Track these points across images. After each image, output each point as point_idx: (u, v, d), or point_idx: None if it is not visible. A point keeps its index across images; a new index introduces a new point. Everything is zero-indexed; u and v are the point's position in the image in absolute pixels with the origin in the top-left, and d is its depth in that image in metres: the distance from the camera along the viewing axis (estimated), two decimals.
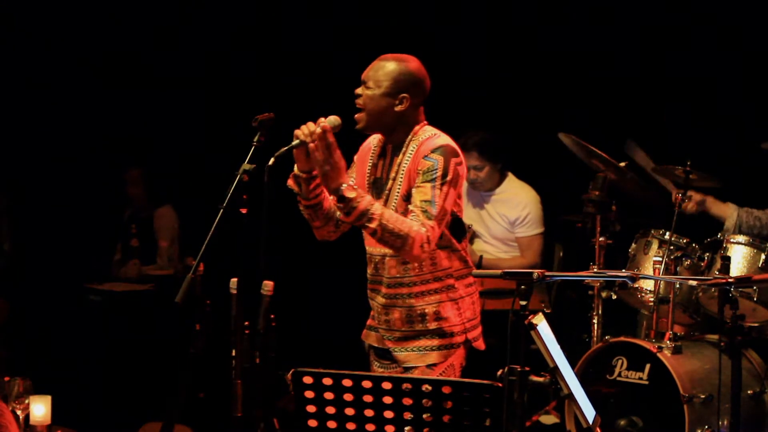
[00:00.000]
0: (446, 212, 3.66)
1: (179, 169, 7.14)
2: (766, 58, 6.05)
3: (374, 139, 3.92)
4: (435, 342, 3.78)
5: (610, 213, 5.53)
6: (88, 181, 7.32)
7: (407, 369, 3.80)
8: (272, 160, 3.48)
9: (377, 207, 3.60)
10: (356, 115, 3.77)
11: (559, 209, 6.03)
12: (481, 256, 5.96)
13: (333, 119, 3.70)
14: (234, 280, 3.42)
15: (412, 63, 3.78)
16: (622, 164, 5.39)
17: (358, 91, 3.77)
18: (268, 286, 3.56)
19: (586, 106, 6.47)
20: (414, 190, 3.67)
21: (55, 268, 7.01)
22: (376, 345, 3.93)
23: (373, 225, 3.58)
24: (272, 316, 3.54)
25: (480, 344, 3.86)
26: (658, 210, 5.49)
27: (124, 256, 6.93)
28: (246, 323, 3.39)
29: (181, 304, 3.30)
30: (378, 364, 3.94)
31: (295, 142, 3.64)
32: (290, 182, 3.79)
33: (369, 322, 3.98)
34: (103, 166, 7.25)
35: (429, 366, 3.76)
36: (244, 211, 3.39)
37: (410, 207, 3.67)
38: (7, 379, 3.95)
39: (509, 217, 6.03)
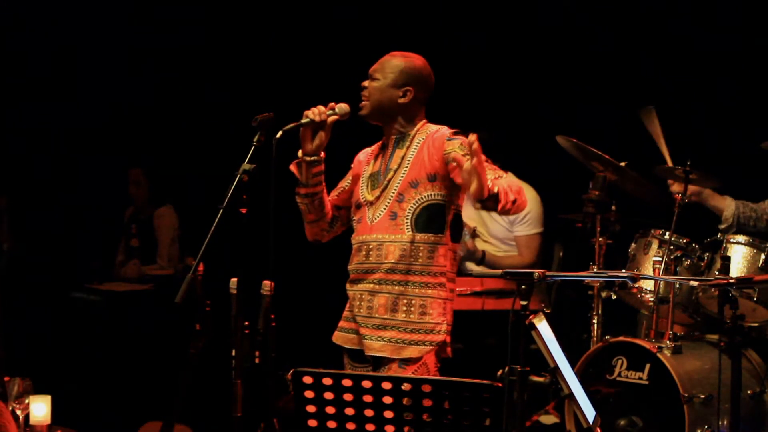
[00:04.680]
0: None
1: (179, 168, 7.14)
2: (766, 57, 6.05)
3: (369, 149, 4.01)
4: (414, 336, 3.75)
5: (610, 213, 5.53)
6: (89, 180, 7.32)
7: (377, 361, 3.77)
8: (280, 133, 3.57)
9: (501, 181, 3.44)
10: (361, 104, 3.86)
11: (559, 209, 6.03)
12: (483, 251, 5.96)
13: (342, 106, 3.78)
14: (234, 280, 3.42)
15: (418, 60, 3.90)
16: (622, 164, 5.39)
17: (365, 83, 3.86)
18: (268, 286, 3.57)
19: (586, 106, 6.47)
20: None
21: (55, 268, 7.01)
22: (347, 347, 3.91)
23: (496, 190, 3.38)
24: (272, 316, 3.55)
25: (449, 351, 3.83)
26: (658, 210, 5.49)
27: (124, 256, 6.92)
28: (246, 323, 3.40)
29: (181, 304, 3.30)
30: (351, 367, 3.92)
31: (305, 120, 3.72)
32: (292, 167, 3.83)
33: (341, 323, 3.96)
34: (104, 165, 7.25)
35: (401, 365, 3.73)
36: (244, 211, 3.39)
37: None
38: (7, 379, 3.95)
39: (508, 216, 6.03)
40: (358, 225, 3.90)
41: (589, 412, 3.17)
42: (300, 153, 3.81)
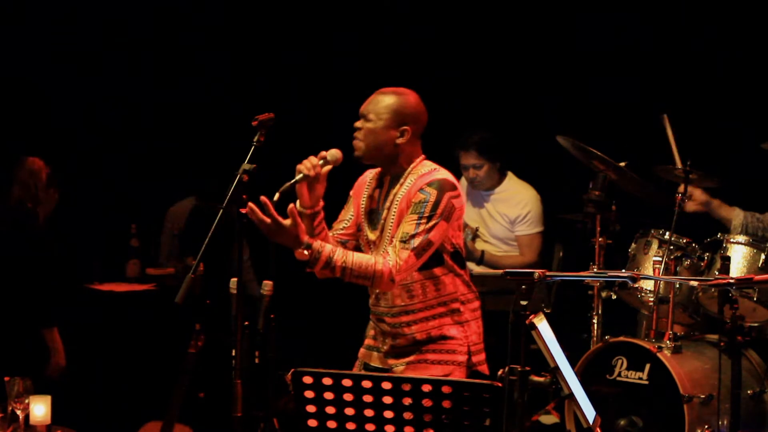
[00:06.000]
0: (430, 244, 3.64)
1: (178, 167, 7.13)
2: (766, 57, 6.05)
3: (370, 173, 3.94)
4: (437, 357, 3.78)
5: (610, 213, 5.54)
6: (89, 180, 7.31)
7: None
8: (277, 195, 3.52)
9: (338, 255, 3.60)
10: (355, 144, 3.77)
11: (559, 209, 6.03)
12: (483, 251, 5.98)
13: (333, 153, 3.71)
14: (234, 280, 3.42)
15: (412, 96, 3.80)
16: (622, 164, 5.40)
17: (358, 124, 3.77)
18: (268, 286, 3.57)
19: (586, 106, 6.47)
20: (403, 220, 3.68)
21: (55, 267, 6.99)
22: (374, 364, 3.92)
23: (337, 273, 3.62)
24: (272, 316, 3.55)
25: (484, 368, 3.85)
26: (658, 210, 5.49)
27: (127, 256, 6.87)
28: (246, 323, 3.40)
29: (181, 304, 3.30)
30: None
31: (299, 176, 3.66)
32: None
33: (367, 342, 3.98)
34: (103, 164, 7.24)
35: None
36: (244, 211, 3.39)
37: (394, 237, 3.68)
38: (7, 379, 3.94)
39: (509, 216, 6.04)
40: None
41: (589, 412, 3.17)
42: (298, 206, 3.72)
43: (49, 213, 5.67)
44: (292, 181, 3.64)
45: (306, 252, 3.57)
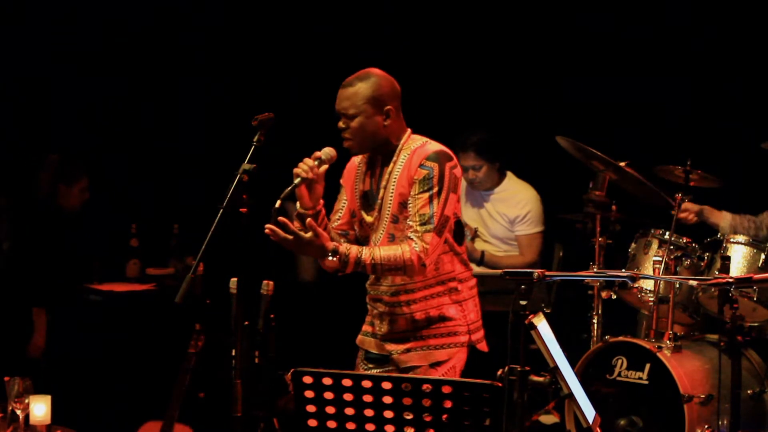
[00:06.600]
0: (447, 219, 3.69)
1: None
2: (766, 58, 6.05)
3: (358, 157, 3.95)
4: (439, 341, 3.79)
5: (610, 213, 5.54)
6: (89, 180, 7.30)
7: (409, 369, 3.80)
8: (278, 202, 3.54)
9: (365, 253, 3.64)
10: (346, 144, 3.78)
11: (559, 209, 6.03)
12: (483, 252, 5.97)
13: (327, 151, 3.73)
14: (234, 280, 3.42)
15: (379, 75, 3.78)
16: (623, 164, 5.40)
17: (341, 124, 3.77)
18: (268, 286, 3.57)
19: (586, 106, 6.47)
20: (411, 200, 3.70)
21: (54, 268, 6.99)
22: (373, 351, 3.93)
23: (369, 271, 3.69)
24: (272, 316, 3.55)
25: (483, 346, 3.88)
26: (658, 210, 5.49)
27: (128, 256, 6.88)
28: (246, 323, 3.40)
29: (181, 304, 3.30)
30: (365, 367, 3.95)
31: (297, 180, 3.69)
32: (296, 224, 3.78)
33: (365, 327, 3.99)
34: (103, 164, 7.24)
35: (432, 365, 3.76)
36: (244, 211, 3.39)
37: (408, 220, 3.69)
38: (7, 379, 3.95)
39: (509, 216, 6.04)
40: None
41: (589, 412, 3.17)
42: (299, 208, 3.76)
43: (73, 207, 6.03)
44: (291, 186, 3.67)
45: (334, 258, 3.59)
